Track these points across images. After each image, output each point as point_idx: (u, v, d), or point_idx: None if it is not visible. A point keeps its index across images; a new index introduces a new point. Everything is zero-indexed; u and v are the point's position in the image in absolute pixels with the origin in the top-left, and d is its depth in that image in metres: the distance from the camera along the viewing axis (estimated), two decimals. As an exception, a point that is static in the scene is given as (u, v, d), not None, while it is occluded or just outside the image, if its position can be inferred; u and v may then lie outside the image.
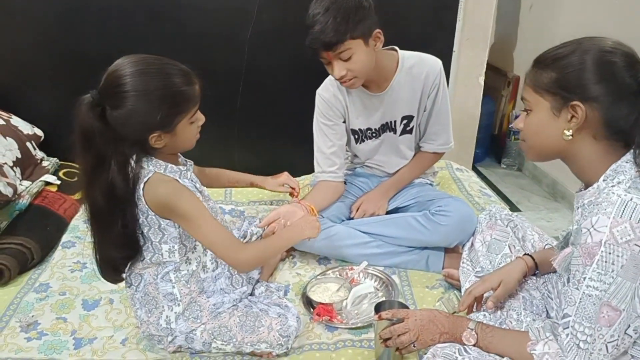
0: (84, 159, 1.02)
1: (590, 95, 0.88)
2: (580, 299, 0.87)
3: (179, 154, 1.19)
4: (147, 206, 1.08)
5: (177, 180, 1.10)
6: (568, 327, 0.89)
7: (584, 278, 0.86)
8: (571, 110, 0.90)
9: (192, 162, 1.21)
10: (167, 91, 1.02)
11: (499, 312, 1.19)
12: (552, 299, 1.19)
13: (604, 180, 0.90)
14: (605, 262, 0.84)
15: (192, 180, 1.16)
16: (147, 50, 1.07)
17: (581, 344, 0.87)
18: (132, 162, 1.06)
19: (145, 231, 1.12)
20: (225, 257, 1.15)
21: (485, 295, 1.22)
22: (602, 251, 0.83)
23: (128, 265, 1.16)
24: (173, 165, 1.11)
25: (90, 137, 0.99)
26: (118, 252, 1.10)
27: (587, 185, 0.96)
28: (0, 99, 1.92)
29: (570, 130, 0.91)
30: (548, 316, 1.18)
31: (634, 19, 2.07)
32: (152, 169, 1.08)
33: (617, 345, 0.87)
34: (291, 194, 1.61)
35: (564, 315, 0.90)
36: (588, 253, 0.85)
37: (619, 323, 0.85)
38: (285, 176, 1.59)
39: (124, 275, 1.16)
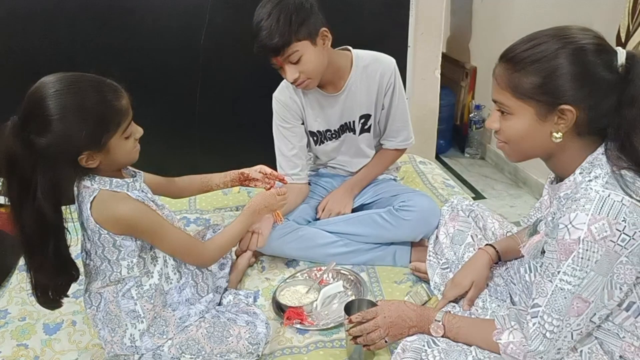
0: (9, 186, 0.98)
1: (576, 97, 0.87)
2: (553, 291, 0.88)
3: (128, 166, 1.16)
4: (98, 225, 1.05)
5: (127, 194, 1.08)
6: (537, 317, 0.90)
7: (559, 272, 0.87)
8: (559, 114, 0.89)
9: (142, 173, 1.18)
10: (91, 110, 0.98)
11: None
12: (514, 284, 1.21)
13: (580, 173, 0.90)
14: (582, 258, 0.84)
15: (142, 191, 1.14)
16: (97, 59, 1.04)
17: (547, 334, 0.89)
18: (74, 186, 1.03)
19: (99, 252, 1.08)
20: (188, 260, 1.19)
21: None
22: (579, 248, 0.84)
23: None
24: (119, 180, 1.09)
25: (13, 164, 0.95)
26: (53, 278, 1.06)
27: (561, 177, 0.96)
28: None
29: (560, 133, 0.90)
30: (512, 301, 1.21)
31: (584, 6, 2.13)
32: (96, 186, 1.05)
33: (581, 332, 0.89)
34: (266, 187, 1.50)
35: (534, 305, 0.91)
36: (565, 249, 0.85)
37: (586, 313, 0.87)
38: (262, 165, 1.51)
39: (63, 301, 1.11)
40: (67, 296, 1.12)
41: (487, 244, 1.28)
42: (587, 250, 0.83)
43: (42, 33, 1.85)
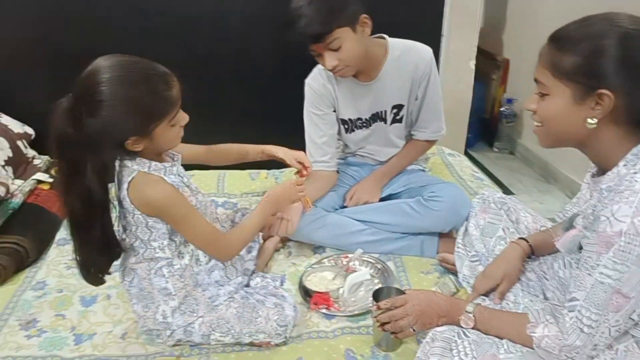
0: (59, 165, 1.01)
1: (617, 82, 0.85)
2: (592, 285, 0.86)
3: None
4: (132, 206, 1.08)
5: (162, 177, 1.10)
6: (574, 311, 0.89)
7: (598, 265, 0.85)
8: (597, 98, 0.87)
9: (180, 155, 1.21)
10: (142, 99, 1.00)
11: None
12: (547, 280, 1.20)
13: (624, 166, 0.88)
14: (623, 251, 0.82)
15: (179, 175, 1.16)
16: (132, 45, 1.05)
17: (585, 329, 0.87)
18: (116, 164, 1.06)
19: (133, 230, 1.12)
20: (208, 252, 1.20)
21: None
22: (621, 241, 0.82)
23: (121, 263, 1.17)
24: (157, 163, 1.11)
25: (64, 143, 0.98)
26: (98, 255, 1.09)
27: (602, 169, 0.94)
28: (-11, 99, 1.90)
29: (595, 119, 0.88)
30: (545, 297, 1.19)
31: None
32: (135, 167, 1.08)
33: (619, 329, 0.88)
34: (300, 174, 1.52)
35: (572, 299, 0.90)
36: (606, 242, 0.83)
37: (626, 309, 0.85)
38: (302, 153, 1.53)
39: (105, 278, 1.15)
40: (109, 273, 1.16)
41: (519, 238, 1.27)
42: (629, 243, 0.82)
43: (80, 22, 1.89)
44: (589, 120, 0.89)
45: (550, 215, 2.27)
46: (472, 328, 1.05)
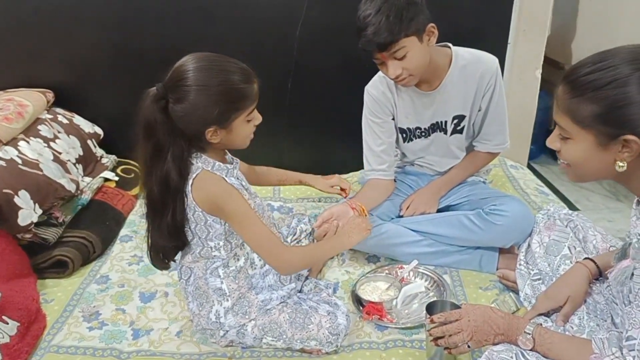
0: (144, 148, 1.07)
1: None
2: None
3: (227, 152, 1.21)
4: (194, 202, 1.11)
5: (223, 178, 1.12)
6: (634, 350, 0.83)
7: None
8: (623, 142, 0.82)
9: (239, 160, 1.24)
10: (226, 87, 1.05)
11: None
12: (617, 304, 1.12)
13: None
14: None
15: (238, 178, 1.19)
16: (201, 49, 1.10)
17: None
18: (187, 156, 1.10)
19: (192, 227, 1.15)
20: (268, 259, 1.17)
21: None
22: None
23: (178, 255, 1.21)
24: (220, 163, 1.14)
25: (151, 128, 1.04)
26: (166, 241, 1.13)
27: None
28: (64, 99, 2.01)
29: (624, 162, 0.84)
30: (613, 322, 1.12)
31: None
32: (200, 165, 1.11)
33: None
34: (341, 194, 1.58)
35: (628, 338, 0.84)
36: None
37: None
38: (336, 178, 1.58)
39: (172, 264, 1.20)
40: (174, 260, 1.21)
41: (586, 258, 1.19)
42: None
43: (152, 27, 1.97)
44: (619, 163, 0.84)
45: (621, 235, 2.13)
46: (531, 350, 1.00)
